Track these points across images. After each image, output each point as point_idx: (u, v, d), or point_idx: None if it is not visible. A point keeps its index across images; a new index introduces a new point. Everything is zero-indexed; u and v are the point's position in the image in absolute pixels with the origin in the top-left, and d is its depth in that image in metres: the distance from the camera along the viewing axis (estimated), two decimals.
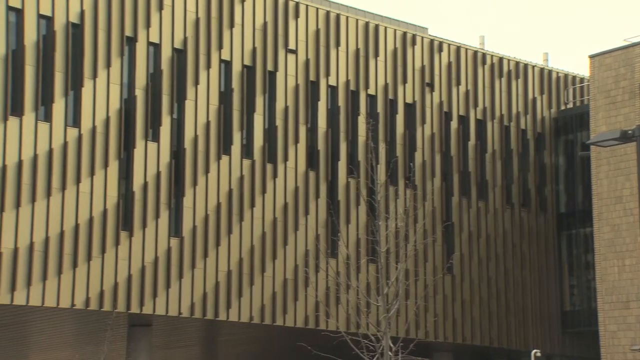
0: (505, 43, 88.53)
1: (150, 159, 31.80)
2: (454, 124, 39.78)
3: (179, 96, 32.70)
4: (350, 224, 36.33)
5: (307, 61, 35.82)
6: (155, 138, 32.01)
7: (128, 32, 31.60)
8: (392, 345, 26.09)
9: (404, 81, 38.48)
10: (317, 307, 34.83)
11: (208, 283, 32.68)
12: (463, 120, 40.21)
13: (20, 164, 29.14)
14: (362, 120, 36.77)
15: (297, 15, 35.69)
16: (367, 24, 37.59)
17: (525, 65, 42.26)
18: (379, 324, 29.28)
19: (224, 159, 33.44)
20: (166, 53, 32.42)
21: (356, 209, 36.51)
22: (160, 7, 32.32)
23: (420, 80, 38.99)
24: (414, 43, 38.87)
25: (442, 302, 38.38)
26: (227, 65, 33.89)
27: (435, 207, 38.63)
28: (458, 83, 40.04)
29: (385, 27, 38.15)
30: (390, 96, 38.07)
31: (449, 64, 39.80)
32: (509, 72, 41.68)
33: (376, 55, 37.68)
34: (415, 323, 36.99)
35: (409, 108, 38.65)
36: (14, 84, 29.29)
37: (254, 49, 34.49)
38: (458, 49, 40.22)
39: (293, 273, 34.73)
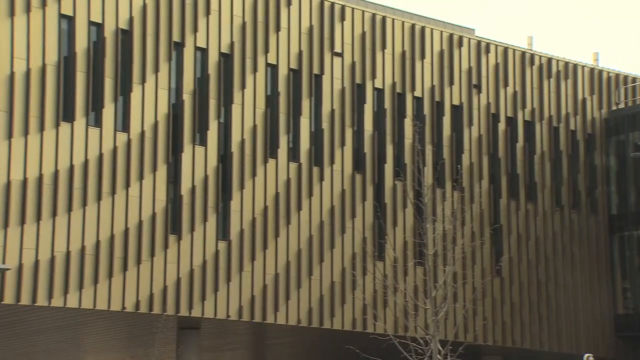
0: (554, 43, 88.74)
1: (198, 163, 32.94)
2: (501, 126, 40.45)
3: (226, 100, 33.82)
4: (397, 226, 37.18)
5: (353, 64, 36.77)
6: (203, 142, 33.15)
7: (176, 37, 32.80)
8: (440, 348, 26.91)
9: (451, 83, 39.25)
10: (365, 310, 35.71)
11: (256, 286, 33.73)
12: (511, 121, 40.85)
13: (71, 168, 30.43)
14: (408, 123, 37.61)
15: (342, 18, 36.65)
16: (413, 26, 38.43)
17: (575, 66, 42.79)
18: (427, 327, 30.12)
19: (271, 162, 34.51)
20: (213, 57, 33.56)
21: (403, 212, 37.34)
22: (207, 12, 33.47)
23: (467, 82, 39.73)
24: (460, 44, 39.62)
25: (491, 305, 39.06)
26: (273, 68, 34.96)
27: (483, 210, 39.33)
28: (506, 84, 40.70)
29: (432, 29, 38.96)
30: (437, 98, 38.87)
31: (497, 65, 40.48)
32: (558, 72, 42.24)
33: (422, 57, 38.50)
34: (464, 326, 37.70)
35: (456, 110, 39.41)
36: (66, 90, 30.60)
37: (300, 53, 35.51)
38: (505, 49, 40.89)
39: (340, 276, 35.65)
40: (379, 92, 37.57)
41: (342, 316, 35.56)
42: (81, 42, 30.84)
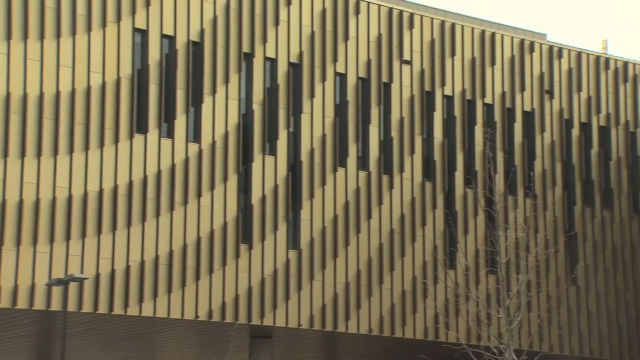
0: (629, 46, 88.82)
1: (268, 172, 34.79)
2: (575, 131, 41.57)
3: (295, 110, 35.65)
4: (469, 234, 38.55)
5: (422, 71, 38.32)
6: (273, 151, 34.99)
7: (245, 48, 34.73)
8: (515, 358, 28.10)
9: (522, 89, 40.55)
10: (437, 319, 37.14)
11: (327, 295, 35.39)
12: (585, 127, 41.95)
13: (145, 179, 32.49)
14: (479, 130, 38.99)
15: (411, 26, 38.24)
16: (483, 33, 39.84)
17: None
18: (501, 336, 31.35)
19: (340, 171, 36.20)
20: (282, 67, 35.42)
21: (474, 220, 38.71)
22: (277, 23, 35.37)
23: (539, 88, 40.97)
24: (532, 50, 40.89)
25: (567, 314, 40.10)
26: (342, 77, 36.70)
27: (556, 217, 40.47)
28: (579, 89, 41.84)
29: (502, 35, 40.33)
30: (508, 104, 40.19)
31: (570, 70, 41.65)
32: (635, 76, 43.20)
33: (493, 63, 39.88)
34: (539, 335, 38.83)
35: (528, 116, 40.68)
36: (139, 102, 32.72)
37: (369, 61, 37.19)
38: (579, 54, 42.03)
39: (411, 284, 37.15)
40: (448, 100, 39.05)
41: (413, 325, 37.04)
42: (154, 55, 32.96)
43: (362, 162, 36.88)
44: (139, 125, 32.67)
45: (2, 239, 29.77)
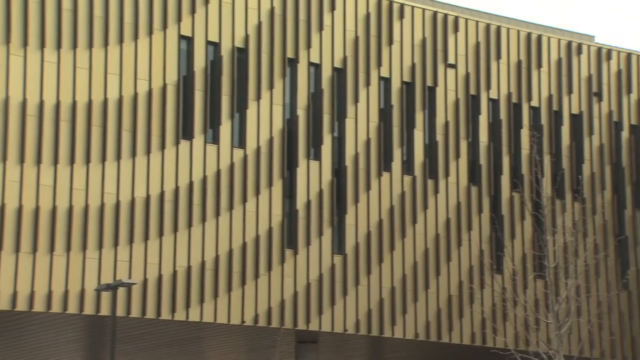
0: None
1: (313, 177, 36.38)
2: (625, 134, 42.72)
3: (340, 114, 37.23)
4: (516, 238, 39.87)
5: (467, 75, 39.75)
6: (317, 157, 36.59)
7: (290, 53, 36.39)
8: None
9: (570, 91, 41.81)
10: (484, 324, 38.51)
11: (372, 299, 36.89)
12: (635, 129, 43.07)
13: (191, 185, 34.22)
14: (525, 133, 40.34)
15: (456, 30, 39.68)
16: (529, 35, 41.18)
17: None
18: (551, 341, 32.65)
19: (385, 175, 37.72)
20: (326, 72, 37.03)
21: (521, 224, 40.03)
22: (321, 28, 36.99)
23: (587, 90, 42.21)
24: (579, 52, 42.14)
25: (619, 320, 41.21)
26: (386, 82, 38.23)
27: (606, 221, 41.64)
28: (629, 91, 42.99)
29: (549, 37, 41.64)
30: (555, 107, 41.48)
31: (619, 71, 42.82)
32: None
33: (539, 66, 41.20)
34: (590, 341, 40.02)
35: (575, 119, 41.93)
36: (185, 108, 34.48)
37: (413, 65, 38.69)
38: (629, 55, 43.18)
39: (457, 289, 38.55)
40: (494, 103, 40.42)
41: (460, 330, 38.42)
42: (199, 62, 34.70)
43: (407, 167, 38.37)
44: (185, 131, 34.41)
45: (53, 245, 31.58)
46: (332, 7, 37.21)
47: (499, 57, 40.50)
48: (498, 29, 40.65)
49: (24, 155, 31.37)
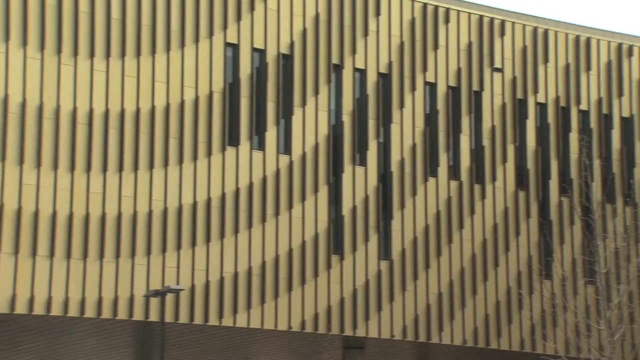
0: None
1: (358, 183, 38.15)
2: None
3: (385, 120, 39.00)
4: (565, 244, 41.41)
5: (514, 79, 41.40)
6: (363, 162, 38.39)
7: (335, 59, 38.21)
8: None
9: (620, 94, 43.30)
10: (533, 330, 40.05)
11: (419, 305, 38.58)
12: None
13: (237, 191, 36.13)
14: (574, 137, 41.89)
15: (502, 33, 41.36)
16: (577, 38, 42.75)
17: None
18: (603, 348, 34.12)
19: (431, 180, 39.43)
20: (371, 78, 38.84)
21: (570, 229, 41.56)
22: (366, 33, 38.82)
23: (638, 93, 43.66)
24: (630, 54, 43.62)
25: None
26: (432, 87, 39.98)
27: None
28: None
29: (598, 40, 43.15)
30: (605, 111, 42.98)
31: None
32: None
33: (588, 69, 42.74)
34: None
35: (626, 122, 43.40)
36: (231, 115, 36.45)
37: (459, 70, 40.41)
38: None
39: (505, 295, 40.13)
40: (541, 107, 42.02)
41: (509, 336, 40.00)
42: (245, 68, 36.64)
43: (453, 172, 40.03)
44: (231, 138, 36.33)
45: (103, 252, 33.58)
46: (377, 13, 39.02)
47: (546, 60, 42.08)
48: (545, 32, 42.24)
49: (74, 163, 33.36)
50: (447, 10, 40.37)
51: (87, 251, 33.35)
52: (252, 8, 36.81)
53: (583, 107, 42.63)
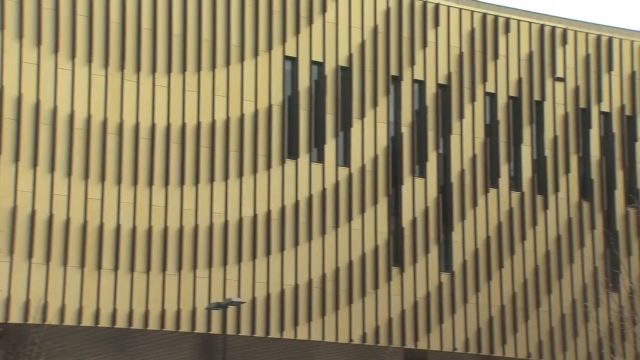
0: None
1: (418, 194, 41.39)
2: None
3: (445, 131, 42.26)
4: (632, 255, 44.09)
5: (576, 88, 44.40)
6: (422, 174, 41.64)
7: (393, 71, 41.59)
8: None
9: None
10: (601, 344, 42.80)
11: (481, 318, 41.64)
12: None
13: (297, 204, 39.54)
14: None
15: (564, 42, 44.41)
16: None
17: None
18: None
19: (492, 192, 42.59)
20: (431, 89, 42.16)
21: (638, 240, 44.38)
22: (424, 45, 42.16)
23: None
24: None
25: None
26: (492, 97, 43.17)
27: None
28: None
29: None
30: None
31: None
32: None
33: None
34: None
35: None
36: (290, 128, 39.90)
37: (520, 80, 43.55)
38: None
39: (570, 308, 43.00)
40: (605, 116, 44.94)
41: (575, 350, 42.78)
42: (304, 81, 40.11)
43: (515, 183, 43.10)
44: (290, 150, 39.76)
45: (165, 265, 37.09)
46: (436, 24, 42.36)
47: (610, 68, 45.04)
48: (609, 40, 45.19)
49: (137, 177, 36.93)
50: (507, 20, 43.57)
51: (150, 264, 36.83)
52: (310, 21, 40.31)
53: None
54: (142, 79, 37.50)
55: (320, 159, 40.22)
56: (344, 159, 40.61)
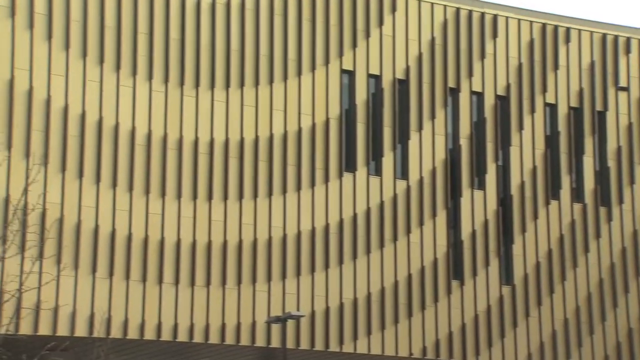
0: None
1: (477, 207, 45.69)
2: None
3: (504, 143, 46.58)
4: None
5: None
6: (481, 186, 46.01)
7: (451, 83, 45.99)
8: None
9: None
10: None
11: (544, 332, 45.68)
12: None
13: (355, 217, 44.01)
14: None
15: (628, 51, 48.42)
16: None
17: None
18: None
19: (553, 204, 46.85)
20: (489, 101, 46.55)
21: None
22: (482, 56, 46.58)
23: None
24: None
25: None
26: (552, 108, 47.48)
27: None
28: None
29: None
30: None
31: None
32: None
33: None
34: None
35: None
36: (347, 141, 44.43)
37: (581, 90, 47.71)
38: None
39: (638, 322, 47.01)
40: None
41: None
42: (361, 95, 44.65)
43: (577, 194, 47.27)
44: (348, 164, 44.20)
45: (225, 279, 41.60)
46: (494, 35, 46.73)
47: None
48: None
49: (197, 192, 41.53)
50: (568, 29, 47.84)
51: (210, 278, 41.41)
52: (367, 35, 44.93)
53: None
54: (201, 94, 42.27)
55: (378, 171, 44.77)
56: (402, 171, 45.07)
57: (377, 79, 45.36)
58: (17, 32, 39.78)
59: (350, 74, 44.90)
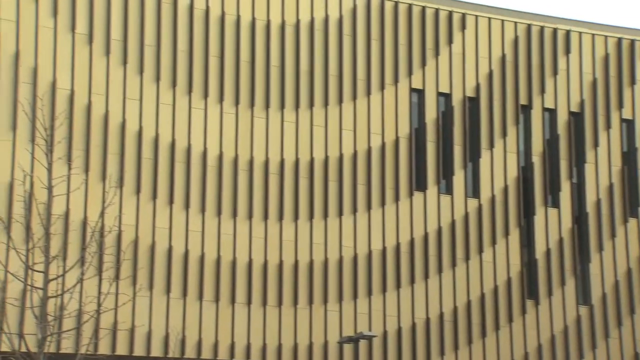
0: None
1: (552, 225, 51.38)
2: None
3: (578, 160, 52.31)
4: None
5: None
6: (555, 204, 51.82)
7: (523, 100, 51.96)
8: None
9: None
10: None
11: (626, 353, 51.05)
12: None
13: (426, 236, 49.99)
14: None
15: None
16: None
17: None
18: None
19: (632, 222, 52.58)
20: (562, 117, 52.41)
21: None
22: (555, 72, 52.50)
23: None
24: None
25: None
26: (629, 124, 53.31)
27: None
28: None
29: None
30: None
31: None
32: None
33: None
34: None
35: None
36: (417, 160, 50.33)
37: None
38: None
39: None
40: None
41: None
42: (430, 113, 50.74)
43: None
44: (418, 183, 50.17)
45: (296, 299, 47.53)
46: (567, 51, 52.74)
47: None
48: None
49: (268, 212, 47.69)
50: None
51: (282, 298, 47.47)
52: (437, 53, 51.16)
53: None
54: (271, 115, 48.61)
55: (449, 190, 50.88)
56: (473, 190, 51.10)
57: (447, 97, 51.52)
58: (95, 58, 46.44)
59: (420, 93, 51.10)
